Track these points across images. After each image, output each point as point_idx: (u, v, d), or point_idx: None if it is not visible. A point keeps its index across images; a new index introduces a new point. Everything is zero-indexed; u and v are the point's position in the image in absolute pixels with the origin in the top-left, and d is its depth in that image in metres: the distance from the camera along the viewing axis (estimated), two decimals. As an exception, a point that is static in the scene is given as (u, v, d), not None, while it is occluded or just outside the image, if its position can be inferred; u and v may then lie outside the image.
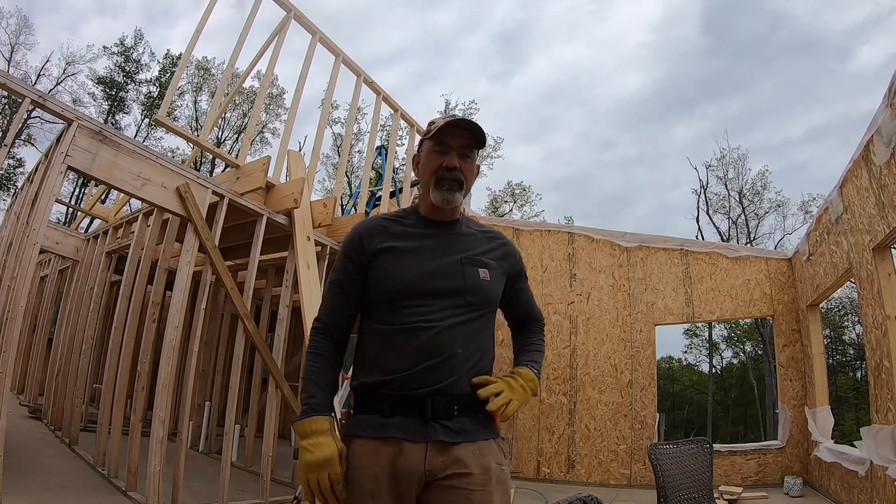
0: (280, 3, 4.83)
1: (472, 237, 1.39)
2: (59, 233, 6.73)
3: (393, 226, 1.36)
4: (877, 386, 4.12)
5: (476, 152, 1.37)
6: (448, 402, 1.19)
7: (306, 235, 4.70)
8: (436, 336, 1.21)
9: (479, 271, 1.31)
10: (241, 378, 4.42)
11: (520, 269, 1.47)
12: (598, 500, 1.82)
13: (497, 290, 1.36)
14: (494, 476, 1.19)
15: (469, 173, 1.35)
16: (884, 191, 3.76)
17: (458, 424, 1.19)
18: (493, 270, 1.35)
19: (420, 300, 1.25)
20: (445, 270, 1.29)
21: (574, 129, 55.45)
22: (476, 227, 1.43)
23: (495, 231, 1.47)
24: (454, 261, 1.30)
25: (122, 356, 4.28)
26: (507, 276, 1.41)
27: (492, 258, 1.37)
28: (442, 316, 1.23)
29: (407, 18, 50.97)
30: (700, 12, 49.58)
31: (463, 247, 1.35)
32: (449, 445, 1.17)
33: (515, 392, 1.27)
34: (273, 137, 25.38)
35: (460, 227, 1.39)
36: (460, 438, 1.18)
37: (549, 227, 7.95)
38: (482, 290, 1.30)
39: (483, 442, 1.21)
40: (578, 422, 6.67)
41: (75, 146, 3.30)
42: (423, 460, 1.15)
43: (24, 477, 3.73)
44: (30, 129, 21.21)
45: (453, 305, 1.25)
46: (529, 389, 1.33)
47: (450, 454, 1.16)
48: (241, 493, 4.43)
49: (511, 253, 1.44)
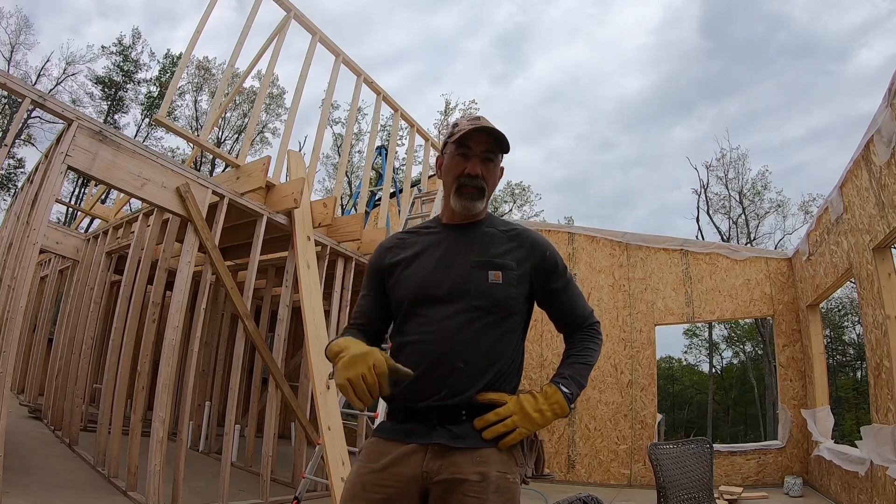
0: (280, 3, 4.83)
1: (490, 237, 1.33)
2: (59, 233, 6.73)
3: (411, 238, 1.39)
4: (877, 386, 4.12)
5: (500, 156, 1.34)
6: (455, 409, 1.19)
7: (306, 235, 4.70)
8: (437, 348, 1.21)
9: (488, 274, 1.26)
10: (241, 378, 4.42)
11: (551, 266, 1.33)
12: (598, 500, 1.82)
13: (511, 291, 1.26)
14: (493, 484, 1.14)
15: (491, 179, 1.33)
16: (884, 191, 3.76)
17: (462, 430, 1.18)
18: (508, 272, 1.27)
19: (425, 308, 1.25)
20: (452, 276, 1.27)
21: (574, 131, 55.57)
22: (500, 227, 1.37)
23: (521, 228, 1.38)
24: (463, 264, 1.27)
25: (122, 356, 4.28)
26: (532, 276, 1.31)
27: (511, 258, 1.29)
28: (447, 325, 1.22)
29: (408, 21, 51.08)
30: (699, 15, 49.67)
31: (477, 249, 1.30)
32: (449, 450, 1.16)
33: (526, 418, 1.18)
34: (273, 137, 25.43)
35: (481, 228, 1.35)
36: (461, 444, 1.17)
37: (549, 226, 7.95)
38: (489, 293, 1.24)
39: (485, 450, 1.17)
40: (578, 422, 6.67)
41: (75, 146, 3.30)
42: (422, 462, 1.16)
43: (24, 477, 3.73)
44: (30, 129, 21.23)
45: (459, 311, 1.23)
46: (550, 412, 1.21)
47: (448, 458, 1.16)
48: (241, 493, 4.43)
49: (536, 250, 1.33)
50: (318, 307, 4.38)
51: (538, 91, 55.71)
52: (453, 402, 1.19)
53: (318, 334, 4.26)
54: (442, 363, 1.20)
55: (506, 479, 1.16)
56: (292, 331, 7.13)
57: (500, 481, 1.15)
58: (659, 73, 53.42)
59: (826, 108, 44.65)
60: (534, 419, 1.19)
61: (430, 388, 1.20)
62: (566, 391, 1.23)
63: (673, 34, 50.55)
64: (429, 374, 1.20)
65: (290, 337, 6.28)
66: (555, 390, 1.23)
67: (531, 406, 1.20)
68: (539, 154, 55.24)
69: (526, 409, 1.19)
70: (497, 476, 1.15)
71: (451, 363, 1.20)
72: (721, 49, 50.70)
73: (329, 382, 4.09)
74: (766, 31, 46.04)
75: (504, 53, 55.95)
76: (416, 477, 1.16)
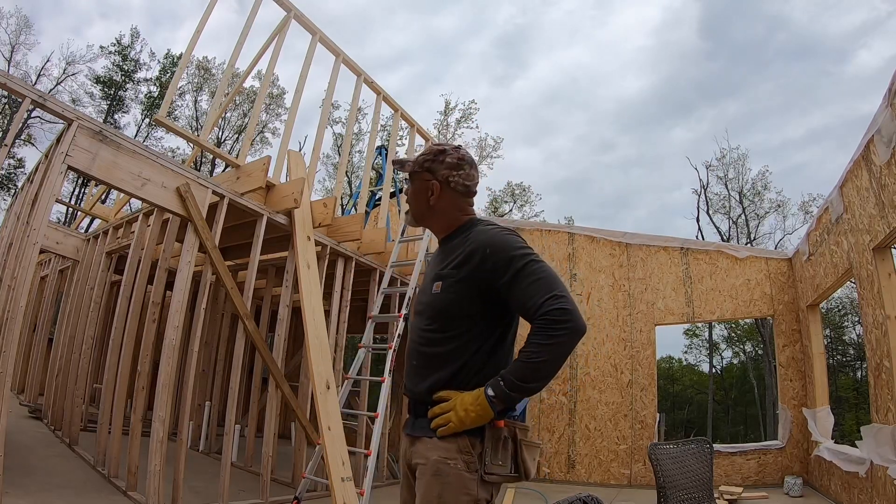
0: (280, 3, 4.83)
1: (452, 249, 1.45)
2: (60, 233, 6.72)
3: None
4: (877, 386, 4.12)
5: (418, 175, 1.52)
6: (420, 404, 1.40)
7: (306, 235, 4.70)
8: (410, 353, 1.47)
9: (433, 286, 1.43)
10: (241, 378, 4.42)
11: (491, 265, 1.31)
12: (599, 500, 1.82)
13: (450, 298, 1.37)
14: (433, 468, 1.28)
15: (412, 199, 1.54)
16: (884, 191, 3.76)
17: (422, 421, 1.37)
18: (447, 280, 1.39)
19: (413, 319, 1.52)
20: (422, 291, 1.51)
21: (574, 132, 55.45)
22: (466, 234, 1.44)
23: (476, 230, 1.42)
24: (429, 280, 1.47)
25: (123, 356, 4.28)
26: (473, 277, 1.33)
27: (453, 266, 1.39)
28: (416, 334, 1.47)
29: (410, 22, 51.02)
30: (698, 16, 49.62)
31: (439, 262, 1.48)
32: (414, 438, 1.40)
33: (456, 414, 1.29)
34: (273, 137, 25.42)
35: (452, 240, 1.49)
36: (419, 433, 1.37)
37: (549, 227, 7.95)
38: (431, 304, 1.42)
39: (431, 438, 1.32)
40: (578, 422, 6.67)
41: (75, 146, 3.30)
42: (406, 448, 1.43)
43: (24, 477, 3.73)
44: (30, 128, 21.21)
45: (421, 323, 1.46)
46: (474, 412, 1.25)
47: (414, 446, 1.39)
48: (241, 493, 4.43)
49: (475, 252, 1.34)
50: (318, 307, 4.38)
51: (538, 92, 55.66)
52: (417, 399, 1.42)
53: (318, 334, 4.26)
54: (409, 366, 1.47)
55: (446, 463, 1.28)
56: (292, 331, 7.12)
57: (438, 465, 1.28)
58: (658, 74, 53.41)
59: (826, 110, 44.66)
60: (459, 416, 1.28)
61: (407, 386, 1.47)
62: (490, 394, 1.26)
63: (672, 35, 50.57)
64: (407, 374, 1.48)
65: (290, 337, 6.29)
66: (480, 392, 1.28)
67: (462, 404, 1.29)
68: (539, 155, 55.25)
69: (458, 406, 1.29)
70: (436, 460, 1.29)
71: (412, 365, 1.45)
72: (720, 50, 50.71)
73: (329, 382, 4.10)
74: (766, 32, 46.04)
75: (504, 55, 55.94)
76: (406, 461, 1.43)
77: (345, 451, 3.85)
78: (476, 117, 28.40)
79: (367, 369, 5.08)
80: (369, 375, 5.03)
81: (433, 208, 1.50)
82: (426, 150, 1.54)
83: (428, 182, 1.50)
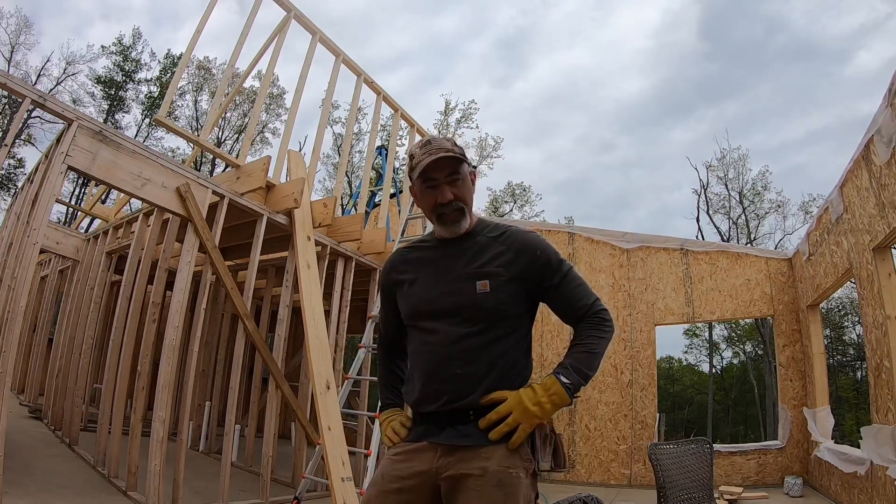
0: (280, 3, 4.83)
1: (480, 247, 1.35)
2: (60, 233, 6.72)
3: (411, 254, 1.46)
4: (877, 386, 4.12)
5: (465, 166, 1.35)
6: (462, 411, 1.26)
7: (306, 235, 4.70)
8: (436, 359, 1.30)
9: (476, 284, 1.30)
10: (241, 378, 4.42)
11: (542, 265, 1.33)
12: (599, 500, 1.82)
13: (500, 297, 1.29)
14: (494, 478, 1.19)
15: (466, 193, 1.36)
16: (884, 191, 3.76)
17: (468, 429, 1.25)
18: (496, 279, 1.30)
19: (424, 321, 1.35)
20: (446, 290, 1.33)
21: (574, 132, 55.43)
22: (491, 233, 1.38)
23: (511, 230, 1.38)
24: (455, 278, 1.33)
25: (123, 356, 4.28)
26: (524, 277, 1.32)
27: (499, 264, 1.32)
28: (444, 337, 1.30)
29: (410, 23, 50.97)
30: (698, 17, 49.61)
31: (468, 260, 1.34)
32: (456, 448, 1.24)
33: (525, 413, 1.21)
34: (273, 137, 25.40)
35: (473, 238, 1.38)
36: (467, 442, 1.23)
37: (549, 227, 7.95)
38: (478, 303, 1.29)
39: (488, 447, 1.22)
40: (578, 422, 6.67)
41: (75, 146, 3.30)
42: (434, 459, 1.25)
43: (24, 477, 3.73)
44: (30, 128, 21.21)
45: (454, 324, 1.30)
46: (549, 404, 1.22)
47: (455, 455, 1.23)
48: (241, 493, 4.43)
49: (526, 252, 1.33)
50: (318, 307, 4.38)
51: (539, 93, 55.64)
52: (459, 406, 1.26)
53: (318, 334, 4.26)
54: (441, 372, 1.29)
55: (508, 473, 1.20)
56: (292, 331, 7.12)
57: (501, 475, 1.19)
58: (658, 76, 53.40)
59: (825, 110, 44.65)
60: (533, 413, 1.22)
61: (432, 395, 1.29)
62: (565, 381, 1.25)
63: (672, 37, 50.50)
64: (431, 382, 1.30)
65: (290, 337, 6.28)
66: (553, 381, 1.25)
67: (530, 400, 1.23)
68: (539, 155, 55.21)
69: (524, 403, 1.22)
70: (498, 470, 1.19)
71: (449, 371, 1.28)
72: (720, 51, 50.69)
73: (329, 382, 4.10)
74: (765, 33, 46.01)
75: (505, 56, 55.92)
76: (428, 472, 1.25)
77: (345, 452, 3.85)
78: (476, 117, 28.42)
79: (367, 369, 5.07)
80: (369, 375, 5.03)
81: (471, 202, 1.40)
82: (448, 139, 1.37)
83: (472, 173, 1.39)
